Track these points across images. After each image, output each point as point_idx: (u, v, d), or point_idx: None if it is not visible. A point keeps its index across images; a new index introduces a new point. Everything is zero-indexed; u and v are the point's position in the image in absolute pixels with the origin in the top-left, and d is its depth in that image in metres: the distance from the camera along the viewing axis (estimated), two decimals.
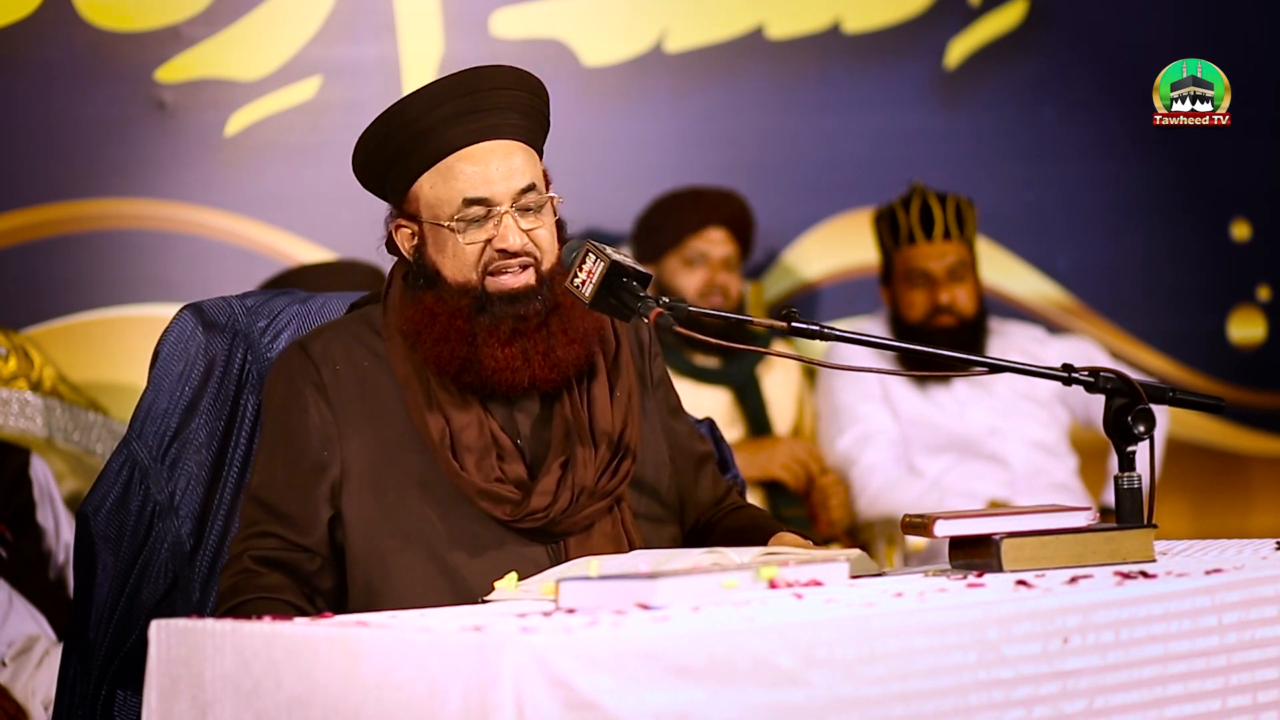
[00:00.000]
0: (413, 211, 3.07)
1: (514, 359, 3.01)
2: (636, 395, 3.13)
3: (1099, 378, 2.95)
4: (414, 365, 3.05)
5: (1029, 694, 2.43)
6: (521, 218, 3.02)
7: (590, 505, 3.02)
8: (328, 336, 3.10)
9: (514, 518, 2.99)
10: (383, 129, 3.07)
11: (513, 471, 3.02)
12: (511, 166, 3.03)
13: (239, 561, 3.01)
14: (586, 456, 3.03)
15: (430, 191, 3.04)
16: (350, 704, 2.31)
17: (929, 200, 5.37)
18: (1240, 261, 6.24)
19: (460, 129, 3.03)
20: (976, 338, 5.38)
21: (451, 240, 3.02)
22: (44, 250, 5.19)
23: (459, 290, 3.02)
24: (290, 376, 3.07)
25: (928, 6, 5.96)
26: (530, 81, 3.10)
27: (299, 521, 3.02)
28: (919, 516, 2.83)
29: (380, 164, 3.08)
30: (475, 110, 3.03)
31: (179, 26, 5.28)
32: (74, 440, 5.01)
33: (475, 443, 3.01)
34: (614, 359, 3.12)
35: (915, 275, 5.36)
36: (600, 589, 2.50)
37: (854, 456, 5.36)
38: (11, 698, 4.17)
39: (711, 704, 2.23)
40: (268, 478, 3.05)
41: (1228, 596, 2.59)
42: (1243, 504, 6.26)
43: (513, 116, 3.06)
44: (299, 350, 3.08)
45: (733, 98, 5.80)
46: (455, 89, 3.04)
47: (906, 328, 5.37)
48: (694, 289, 5.28)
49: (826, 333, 2.97)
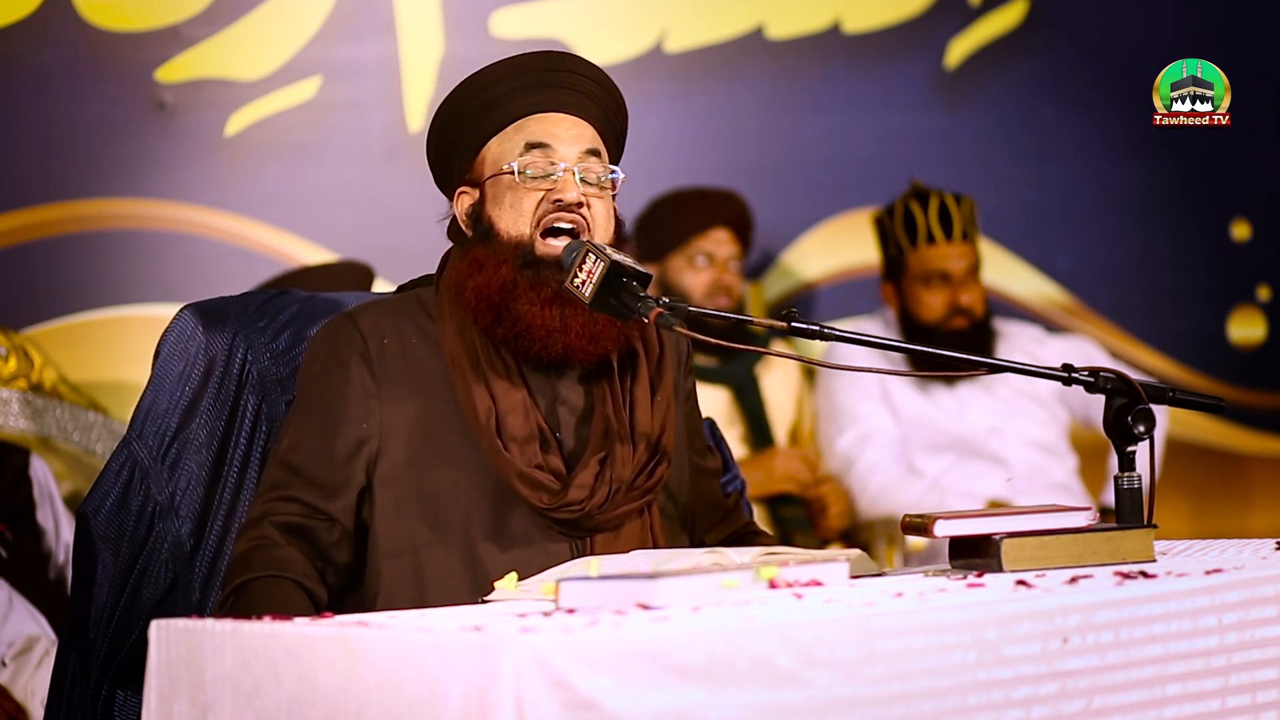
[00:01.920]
0: (476, 176, 3.08)
1: (551, 320, 2.99)
2: (673, 404, 3.13)
3: (1099, 378, 2.95)
4: (464, 346, 3.03)
5: (1028, 694, 2.43)
6: (582, 185, 3.03)
7: (625, 504, 3.02)
8: (377, 311, 3.09)
9: (550, 506, 2.98)
10: (458, 98, 3.09)
11: (553, 463, 3.01)
12: (580, 132, 3.06)
13: (258, 527, 2.97)
14: (625, 455, 3.03)
15: (497, 148, 3.06)
16: (351, 704, 2.31)
17: (946, 201, 5.36)
18: (1240, 261, 6.24)
19: (536, 98, 3.06)
20: (986, 339, 5.38)
21: (510, 189, 3.03)
22: (44, 250, 5.19)
23: (510, 243, 3.02)
24: (335, 345, 3.05)
25: (928, 6, 5.96)
26: (612, 86, 3.13)
27: (326, 488, 2.99)
28: (919, 516, 2.83)
29: (453, 133, 3.10)
30: (552, 85, 3.06)
31: (179, 26, 5.28)
32: (74, 440, 5.01)
33: (519, 430, 3.00)
34: (657, 364, 3.13)
35: (933, 276, 5.35)
36: (600, 589, 2.50)
37: (854, 456, 5.36)
38: (11, 698, 4.17)
39: (711, 704, 2.23)
40: (298, 441, 3.02)
41: (1228, 596, 2.59)
42: (1243, 504, 6.26)
43: (590, 104, 3.09)
44: (348, 320, 3.07)
45: (733, 98, 5.80)
46: (537, 62, 3.08)
47: (920, 328, 5.35)
48: (700, 289, 5.29)
49: (826, 333, 2.97)
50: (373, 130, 5.44)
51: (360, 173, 5.43)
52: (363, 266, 5.06)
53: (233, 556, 3.00)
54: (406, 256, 3.17)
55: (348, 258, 5.23)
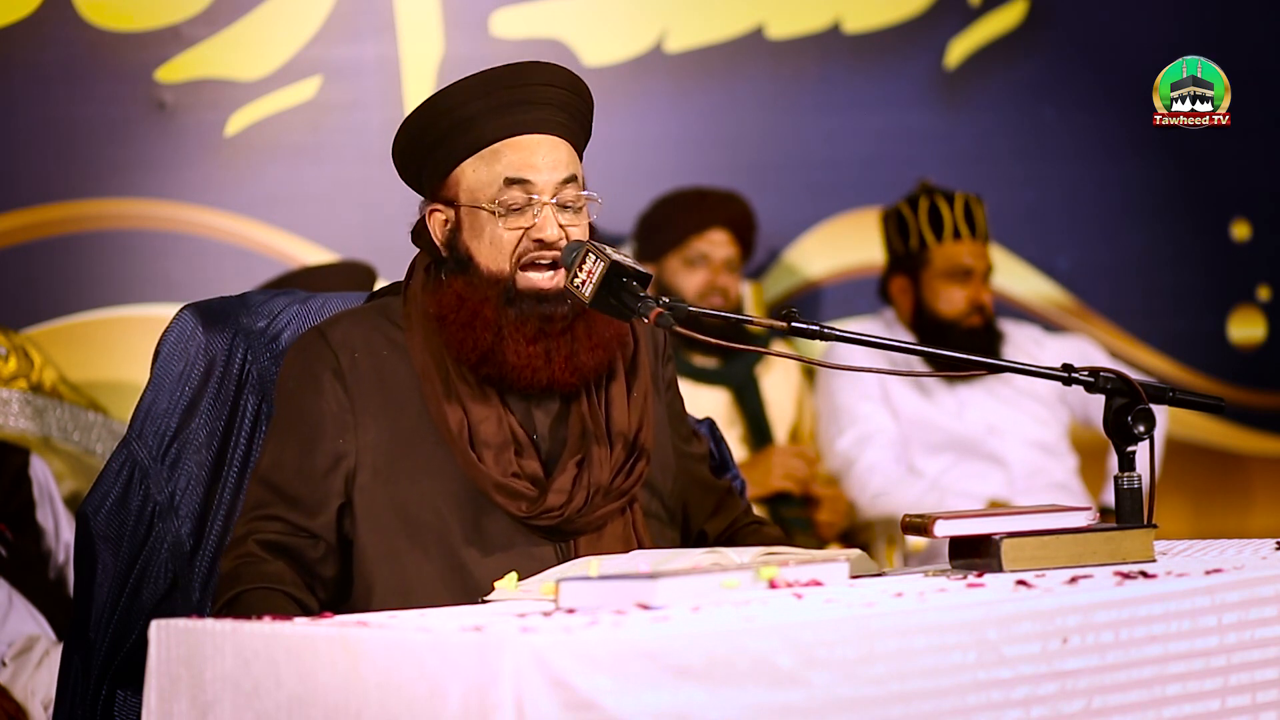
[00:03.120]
0: (450, 196, 3.07)
1: (536, 357, 3.00)
2: (651, 397, 3.13)
3: (1099, 378, 2.95)
4: (433, 356, 3.04)
5: (1028, 694, 2.43)
6: (560, 214, 3.03)
7: (605, 505, 3.02)
8: (347, 324, 3.09)
9: (529, 514, 2.98)
10: (427, 115, 3.08)
11: (529, 468, 3.02)
12: (556, 158, 3.04)
13: (243, 545, 2.99)
14: (602, 456, 3.03)
15: (472, 175, 3.05)
16: (350, 704, 2.31)
17: (970, 201, 5.38)
18: (1240, 261, 6.24)
19: (509, 119, 3.04)
20: (995, 338, 5.39)
21: (489, 225, 3.02)
22: (44, 250, 5.19)
23: (490, 279, 3.02)
24: (307, 361, 3.06)
25: (928, 6, 5.96)
26: (578, 84, 3.12)
27: (307, 505, 3.00)
28: (919, 516, 2.83)
29: (422, 149, 3.09)
30: (524, 102, 3.05)
31: (179, 26, 5.28)
32: (74, 440, 5.01)
33: (493, 437, 3.01)
34: (632, 360, 3.13)
35: (958, 271, 5.36)
36: (600, 589, 2.50)
37: (854, 456, 5.36)
38: (11, 698, 4.17)
39: (711, 704, 2.23)
40: (277, 460, 3.03)
41: (1228, 596, 2.59)
42: (1243, 504, 6.26)
43: (560, 114, 3.07)
44: (317, 335, 3.07)
45: (733, 98, 5.80)
46: (504, 80, 3.06)
47: (937, 323, 5.35)
48: (694, 290, 5.28)
49: (826, 333, 2.97)
50: (373, 130, 5.44)
51: (360, 173, 5.42)
52: (364, 267, 5.06)
53: (221, 574, 3.01)
54: (406, 256, 3.17)
55: (348, 258, 5.23)
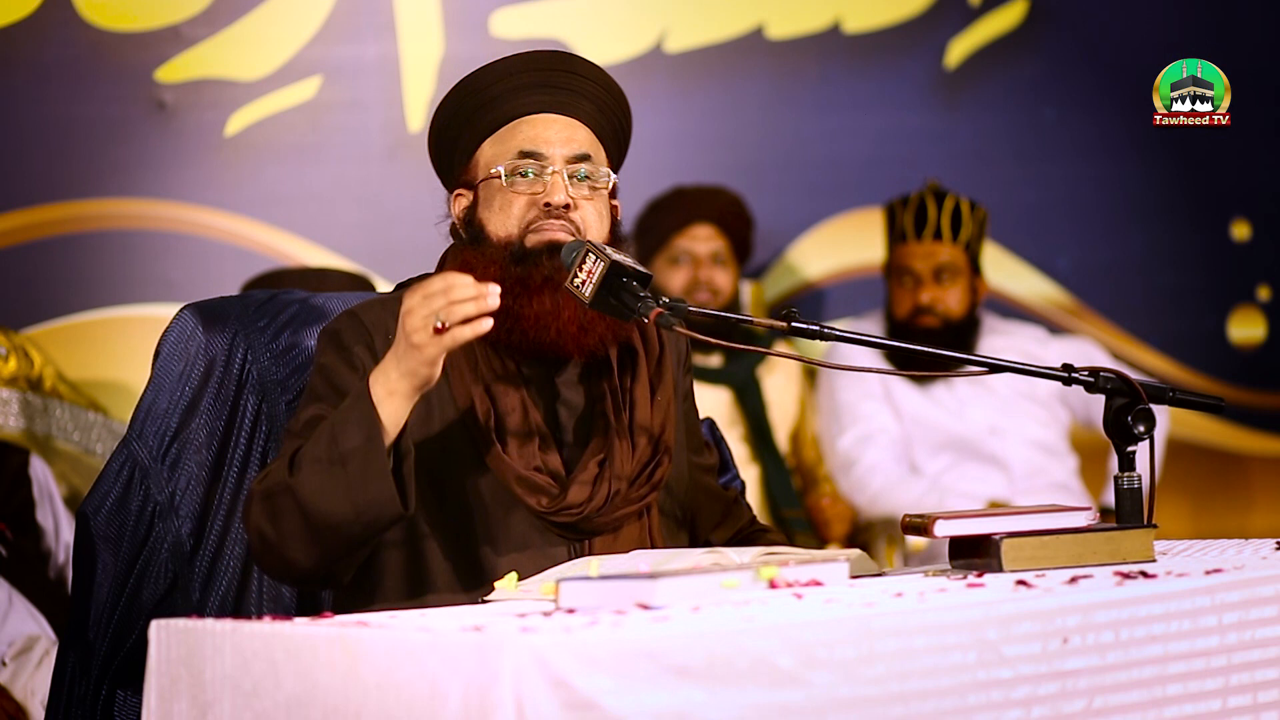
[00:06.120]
0: (471, 178, 3.09)
1: (542, 305, 2.99)
2: (674, 401, 3.13)
3: (1099, 378, 2.95)
4: (461, 348, 3.03)
5: (1028, 694, 2.43)
6: (572, 186, 3.03)
7: (624, 506, 3.02)
8: (379, 309, 3.08)
9: (549, 510, 2.98)
10: (456, 96, 3.09)
11: (551, 463, 3.01)
12: (572, 134, 3.05)
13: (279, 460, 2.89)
14: (625, 455, 3.03)
15: (489, 151, 3.06)
16: (350, 704, 2.31)
17: (926, 200, 5.38)
18: (1240, 261, 6.24)
19: (531, 98, 3.05)
20: (963, 340, 5.37)
21: (500, 193, 3.03)
22: (44, 250, 5.20)
23: (499, 245, 3.02)
24: (343, 339, 3.04)
25: (928, 6, 5.96)
26: (612, 85, 3.13)
27: None
28: (919, 516, 2.83)
29: (452, 131, 3.10)
30: (549, 85, 3.06)
31: (179, 26, 5.28)
32: (74, 440, 5.01)
33: (518, 429, 3.00)
34: (658, 363, 3.13)
35: (904, 273, 5.41)
36: (600, 589, 2.50)
37: (855, 456, 5.36)
38: (11, 698, 4.17)
39: (711, 704, 2.23)
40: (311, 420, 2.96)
41: (1228, 596, 2.59)
42: (1243, 504, 6.26)
43: (585, 104, 3.08)
44: (352, 316, 3.06)
45: (733, 98, 5.80)
46: (534, 62, 3.07)
47: (895, 324, 5.42)
48: (679, 287, 5.29)
49: (827, 333, 2.96)
50: (373, 130, 5.45)
51: (360, 173, 5.43)
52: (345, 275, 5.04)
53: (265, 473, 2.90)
54: (406, 256, 3.17)
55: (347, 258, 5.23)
